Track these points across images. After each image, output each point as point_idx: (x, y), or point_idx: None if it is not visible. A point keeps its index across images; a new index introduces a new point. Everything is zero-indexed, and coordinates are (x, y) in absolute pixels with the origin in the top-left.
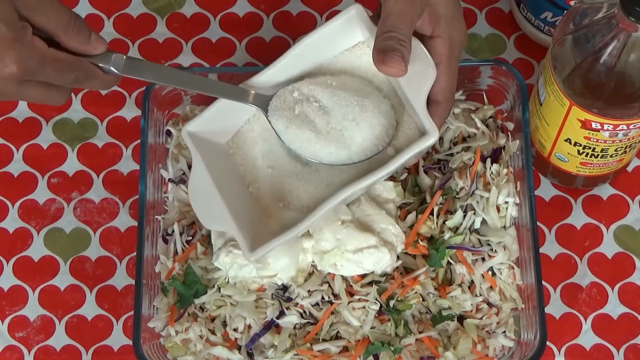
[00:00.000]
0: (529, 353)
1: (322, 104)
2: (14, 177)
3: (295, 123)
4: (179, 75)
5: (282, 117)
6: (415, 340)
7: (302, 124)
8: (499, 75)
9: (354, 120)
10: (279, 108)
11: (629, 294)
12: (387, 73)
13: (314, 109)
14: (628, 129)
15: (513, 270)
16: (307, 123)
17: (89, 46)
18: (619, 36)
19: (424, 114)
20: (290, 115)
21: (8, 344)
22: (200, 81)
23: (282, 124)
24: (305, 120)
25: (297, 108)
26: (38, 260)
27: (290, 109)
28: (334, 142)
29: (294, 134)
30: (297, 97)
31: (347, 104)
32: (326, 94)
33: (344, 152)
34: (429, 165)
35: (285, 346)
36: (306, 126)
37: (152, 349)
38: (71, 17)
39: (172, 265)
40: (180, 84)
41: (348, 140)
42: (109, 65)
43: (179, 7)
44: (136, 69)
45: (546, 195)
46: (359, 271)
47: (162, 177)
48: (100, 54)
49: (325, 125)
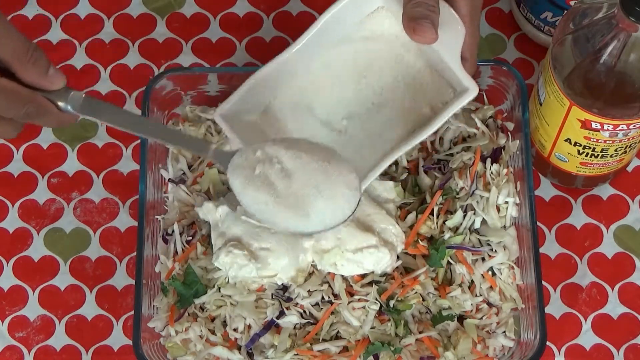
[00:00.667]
0: (529, 353)
1: (284, 166)
2: (14, 177)
3: (254, 184)
4: (138, 121)
5: (240, 176)
6: (415, 340)
7: (261, 185)
8: (499, 75)
9: (316, 188)
10: (240, 166)
11: (629, 294)
12: (419, 41)
13: (276, 171)
14: (628, 129)
15: (513, 270)
16: (267, 185)
17: (46, 80)
18: (619, 36)
19: (461, 72)
20: (249, 174)
21: (8, 344)
22: (160, 130)
23: (239, 183)
24: (265, 182)
25: (258, 168)
26: (38, 260)
27: (251, 168)
28: (292, 208)
29: (252, 196)
30: (259, 157)
31: (310, 169)
32: (290, 156)
33: (301, 220)
34: (429, 165)
35: (285, 346)
36: (265, 188)
37: (152, 349)
38: (29, 47)
39: (172, 265)
40: (138, 131)
41: (308, 208)
42: (65, 103)
43: (179, 7)
44: (94, 110)
45: (546, 195)
46: (359, 271)
47: (162, 177)
48: (58, 89)
49: (285, 189)
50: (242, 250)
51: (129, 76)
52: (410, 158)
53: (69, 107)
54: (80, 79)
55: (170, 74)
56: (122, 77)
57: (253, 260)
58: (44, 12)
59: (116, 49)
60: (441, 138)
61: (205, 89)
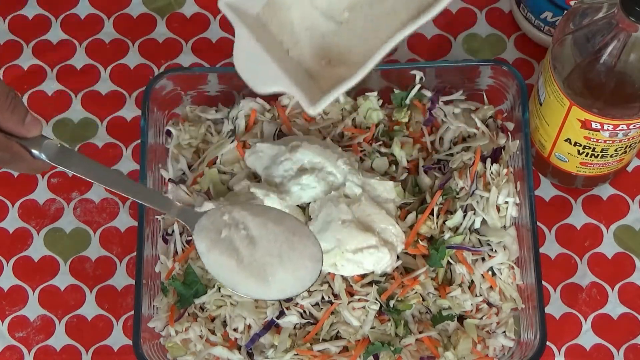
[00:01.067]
0: (529, 353)
1: (250, 232)
2: (14, 177)
3: (218, 247)
4: (108, 175)
5: (206, 238)
6: (415, 340)
7: (226, 249)
8: (499, 75)
9: (279, 257)
10: (206, 228)
11: (629, 294)
12: None
13: (241, 237)
14: (628, 129)
15: (513, 270)
16: (231, 250)
17: (23, 128)
18: (619, 36)
19: None
20: (215, 237)
21: (8, 344)
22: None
23: (205, 245)
24: (230, 247)
25: (224, 232)
26: (38, 260)
27: (217, 231)
28: (254, 275)
29: (215, 259)
30: (226, 221)
31: (275, 238)
32: (256, 224)
33: (262, 288)
34: (429, 165)
35: (285, 346)
36: (229, 252)
37: (152, 349)
38: (8, 94)
39: (172, 265)
40: (108, 184)
41: (269, 276)
42: (39, 151)
43: (179, 7)
44: (67, 160)
45: (546, 195)
46: (359, 271)
47: (162, 177)
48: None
49: (249, 256)
50: None
51: (129, 76)
52: (410, 158)
53: (43, 156)
54: (80, 79)
55: (170, 74)
56: (122, 77)
57: None
58: (44, 12)
59: (116, 49)
60: (441, 138)
61: (205, 89)
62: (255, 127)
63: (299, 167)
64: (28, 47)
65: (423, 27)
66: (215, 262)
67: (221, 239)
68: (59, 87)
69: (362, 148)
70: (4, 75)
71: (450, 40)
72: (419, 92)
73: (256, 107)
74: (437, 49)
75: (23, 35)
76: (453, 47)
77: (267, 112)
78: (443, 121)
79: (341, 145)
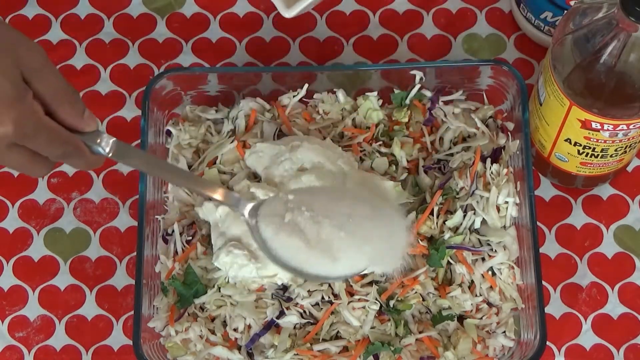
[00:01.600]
0: (529, 353)
1: (313, 213)
2: (14, 177)
3: (285, 230)
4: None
5: (271, 223)
6: (415, 340)
7: (292, 232)
8: (499, 75)
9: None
10: (268, 215)
11: (629, 294)
12: None
13: (305, 218)
14: (628, 129)
15: (513, 270)
16: (298, 231)
17: (82, 122)
18: (619, 36)
19: None
20: (280, 222)
21: (8, 344)
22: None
23: (271, 230)
24: (296, 229)
25: (288, 216)
26: (38, 260)
27: (281, 217)
28: (323, 253)
29: (283, 242)
30: (288, 205)
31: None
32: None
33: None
34: (429, 165)
35: (285, 346)
36: (296, 234)
37: (152, 349)
38: (68, 88)
39: (172, 265)
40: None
41: (337, 252)
42: (97, 146)
43: (179, 7)
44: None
45: (546, 195)
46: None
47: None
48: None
49: (316, 235)
50: (242, 250)
51: (129, 76)
52: (410, 158)
53: (100, 150)
54: (80, 79)
55: (170, 74)
56: (122, 77)
57: (253, 260)
58: (44, 12)
59: (116, 49)
60: (441, 138)
61: (205, 89)
62: (255, 127)
63: (299, 167)
64: None
65: (423, 27)
66: (283, 246)
67: (285, 223)
68: None
69: (362, 148)
70: None
71: (450, 40)
72: (419, 92)
73: (256, 107)
74: (437, 49)
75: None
76: (453, 47)
77: (267, 112)
78: (443, 121)
79: (341, 145)
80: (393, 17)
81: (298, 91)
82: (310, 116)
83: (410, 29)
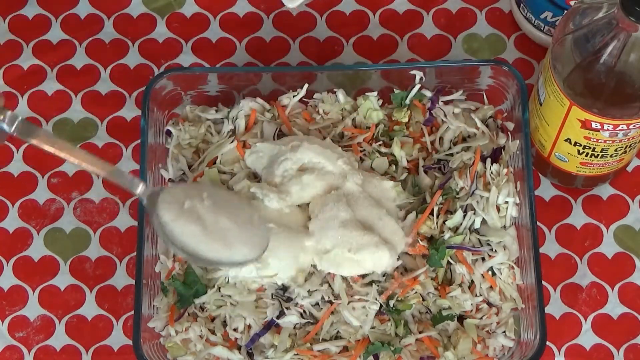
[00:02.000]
0: (529, 353)
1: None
2: (14, 177)
3: (183, 217)
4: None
5: (170, 209)
6: (415, 340)
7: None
8: (499, 75)
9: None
10: (168, 201)
11: (629, 294)
12: None
13: (204, 206)
14: (628, 129)
15: (513, 270)
16: (196, 218)
17: None
18: (619, 36)
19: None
20: (179, 208)
21: (8, 344)
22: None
23: (170, 215)
24: (194, 216)
25: (187, 203)
26: (38, 260)
27: (180, 204)
28: (218, 240)
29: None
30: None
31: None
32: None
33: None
34: (429, 165)
35: (285, 346)
36: (194, 220)
37: (152, 349)
38: None
39: (172, 265)
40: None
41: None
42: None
43: (179, 7)
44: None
45: (546, 195)
46: (359, 271)
47: (162, 177)
48: None
49: (214, 223)
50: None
51: (129, 76)
52: (410, 158)
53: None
54: (80, 79)
55: (170, 74)
56: (122, 77)
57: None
58: (44, 12)
59: (116, 49)
60: (441, 138)
61: (205, 88)
62: (255, 127)
63: (299, 166)
64: (28, 47)
65: (423, 27)
66: (181, 231)
67: (185, 209)
68: (59, 87)
69: (362, 148)
70: (4, 75)
71: (450, 40)
72: (419, 92)
73: (256, 107)
74: (437, 49)
75: (23, 35)
76: (453, 47)
77: (267, 112)
78: (443, 121)
79: (341, 145)
80: (393, 17)
81: (298, 91)
82: (310, 116)
83: (410, 29)
